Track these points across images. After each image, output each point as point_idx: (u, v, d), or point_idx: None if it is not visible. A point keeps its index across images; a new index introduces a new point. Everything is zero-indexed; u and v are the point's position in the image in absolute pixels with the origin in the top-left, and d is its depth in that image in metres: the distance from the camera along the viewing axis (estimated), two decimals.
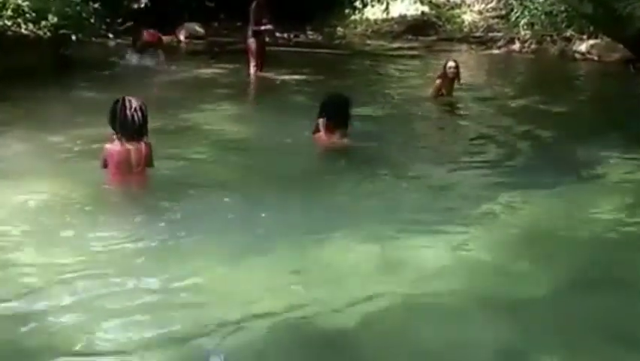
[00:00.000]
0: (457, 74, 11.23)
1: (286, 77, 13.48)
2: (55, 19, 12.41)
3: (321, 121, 7.88)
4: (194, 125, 9.13)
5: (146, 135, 6.20)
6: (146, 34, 15.10)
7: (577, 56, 18.04)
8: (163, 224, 5.48)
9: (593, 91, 14.44)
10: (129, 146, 6.08)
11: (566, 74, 16.29)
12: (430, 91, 11.34)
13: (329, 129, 7.89)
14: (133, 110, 6.02)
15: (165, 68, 14.14)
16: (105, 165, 6.18)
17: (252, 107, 11.53)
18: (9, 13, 11.92)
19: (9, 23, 11.93)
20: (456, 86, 11.35)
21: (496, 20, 22.08)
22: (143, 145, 6.15)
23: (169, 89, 11.81)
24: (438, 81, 11.22)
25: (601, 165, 7.59)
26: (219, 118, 9.69)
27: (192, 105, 10.33)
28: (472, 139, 8.93)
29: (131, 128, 6.05)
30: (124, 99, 6.08)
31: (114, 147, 6.11)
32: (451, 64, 11.23)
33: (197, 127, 9.07)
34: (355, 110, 8.45)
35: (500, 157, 8.11)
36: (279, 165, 7.34)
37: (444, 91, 11.18)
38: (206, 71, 14.27)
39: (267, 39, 14.14)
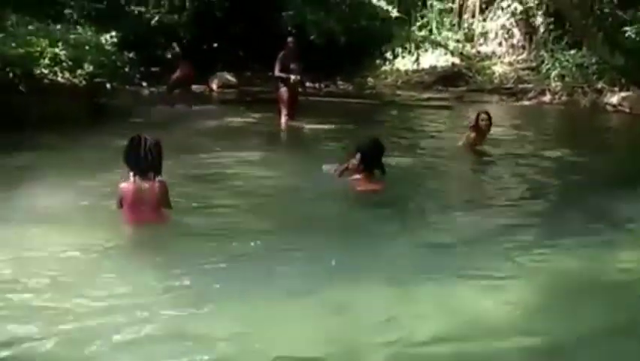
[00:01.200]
0: (489, 126, 11.21)
1: (317, 126, 13.57)
2: (91, 68, 12.67)
3: (357, 157, 8.00)
4: (225, 172, 9.21)
5: (160, 174, 6.26)
6: (181, 69, 15.40)
7: (608, 107, 17.98)
8: (194, 271, 5.47)
9: (625, 143, 14.34)
10: (143, 184, 6.18)
11: (597, 126, 16.23)
12: (461, 142, 11.32)
13: (359, 170, 8.02)
14: (147, 148, 6.14)
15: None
16: (121, 205, 6.28)
17: (284, 155, 11.57)
18: (46, 61, 12.20)
19: (46, 71, 12.20)
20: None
21: (526, 72, 22.17)
22: (157, 183, 6.23)
23: (201, 137, 11.93)
24: (472, 135, 11.18)
25: (631, 218, 7.48)
26: (250, 165, 9.75)
27: (224, 153, 10.46)
28: (502, 189, 8.89)
29: (144, 166, 6.16)
30: (139, 137, 6.20)
31: (128, 185, 6.21)
32: (483, 115, 11.21)
33: (229, 174, 9.15)
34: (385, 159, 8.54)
35: (530, 208, 8.03)
36: (310, 211, 7.34)
37: (477, 142, 11.16)
38: (238, 120, 14.45)
39: (299, 89, 14.24)
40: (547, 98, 19.65)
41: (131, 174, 6.17)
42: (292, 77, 13.53)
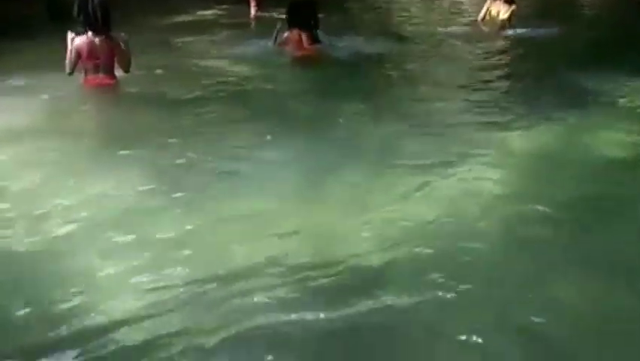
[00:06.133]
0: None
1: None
2: None
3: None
4: (191, 64, 9.09)
5: (109, 30, 6.81)
6: None
7: None
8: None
9: None
10: (96, 39, 6.70)
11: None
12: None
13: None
14: (95, 4, 6.65)
15: None
16: (73, 67, 6.75)
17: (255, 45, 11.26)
18: None
19: None
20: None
21: None
22: (110, 39, 6.75)
23: (170, 31, 11.61)
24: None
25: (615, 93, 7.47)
26: (219, 58, 9.57)
27: (190, 45, 10.43)
28: (482, 69, 8.84)
29: (94, 21, 6.66)
30: None
31: (82, 38, 6.67)
32: None
33: (196, 65, 9.02)
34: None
35: (509, 88, 8.04)
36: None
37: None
38: (208, 12, 14.06)
39: None
40: None
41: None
42: None
